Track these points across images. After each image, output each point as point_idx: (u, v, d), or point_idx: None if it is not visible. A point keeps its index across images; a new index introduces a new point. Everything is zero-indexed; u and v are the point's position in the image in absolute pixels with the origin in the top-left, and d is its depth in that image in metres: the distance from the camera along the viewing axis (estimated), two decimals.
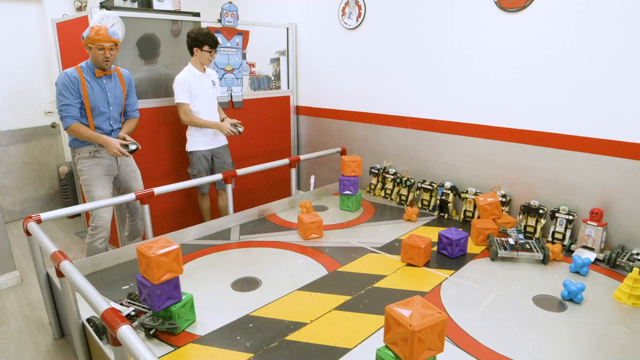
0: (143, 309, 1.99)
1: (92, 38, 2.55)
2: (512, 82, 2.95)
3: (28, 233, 2.21)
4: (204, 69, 3.31)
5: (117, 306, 1.99)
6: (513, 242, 2.61)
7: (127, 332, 1.31)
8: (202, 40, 3.13)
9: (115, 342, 1.36)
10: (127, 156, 2.79)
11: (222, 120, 3.39)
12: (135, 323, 1.91)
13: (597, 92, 2.59)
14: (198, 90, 3.24)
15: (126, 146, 2.74)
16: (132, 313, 1.96)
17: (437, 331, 1.32)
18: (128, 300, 2.07)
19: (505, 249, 2.57)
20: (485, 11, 2.98)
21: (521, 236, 2.65)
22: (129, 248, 2.69)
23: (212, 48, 3.20)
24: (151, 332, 1.90)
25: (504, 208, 3.05)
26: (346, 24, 3.90)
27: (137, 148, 2.79)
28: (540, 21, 2.74)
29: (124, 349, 1.38)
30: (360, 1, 3.74)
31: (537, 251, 2.54)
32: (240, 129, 3.35)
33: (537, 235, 2.86)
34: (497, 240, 2.66)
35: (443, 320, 1.32)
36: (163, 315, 1.93)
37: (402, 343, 1.32)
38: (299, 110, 4.60)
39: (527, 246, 2.58)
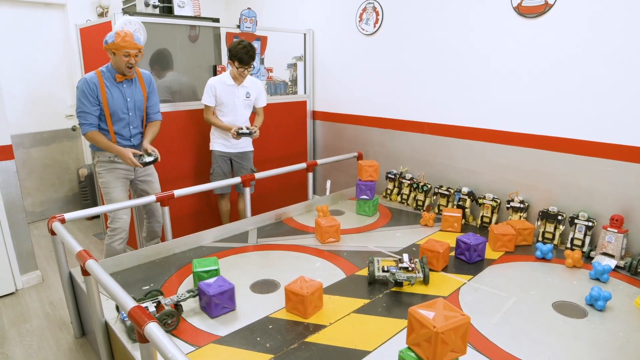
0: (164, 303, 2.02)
1: (118, 44, 2.54)
2: (529, 88, 2.94)
3: (52, 233, 2.26)
4: (241, 81, 3.30)
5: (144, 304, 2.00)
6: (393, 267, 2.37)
7: (154, 329, 1.34)
8: (233, 55, 3.16)
9: (143, 339, 1.39)
10: (140, 167, 2.77)
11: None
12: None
13: (616, 97, 2.57)
14: (224, 98, 3.28)
15: (140, 157, 2.73)
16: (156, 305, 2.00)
17: (461, 333, 1.32)
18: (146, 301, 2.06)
19: (383, 270, 2.37)
20: (503, 17, 2.98)
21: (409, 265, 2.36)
22: (149, 249, 2.72)
23: (242, 65, 3.17)
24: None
25: (521, 214, 3.04)
26: (363, 29, 3.93)
27: (154, 160, 2.76)
28: (559, 27, 2.74)
29: (151, 346, 1.41)
30: (378, 7, 3.76)
31: (419, 272, 2.33)
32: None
33: (555, 242, 2.84)
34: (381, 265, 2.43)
35: (466, 322, 1.32)
36: None
37: (425, 344, 1.32)
38: (316, 115, 4.63)
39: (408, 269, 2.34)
